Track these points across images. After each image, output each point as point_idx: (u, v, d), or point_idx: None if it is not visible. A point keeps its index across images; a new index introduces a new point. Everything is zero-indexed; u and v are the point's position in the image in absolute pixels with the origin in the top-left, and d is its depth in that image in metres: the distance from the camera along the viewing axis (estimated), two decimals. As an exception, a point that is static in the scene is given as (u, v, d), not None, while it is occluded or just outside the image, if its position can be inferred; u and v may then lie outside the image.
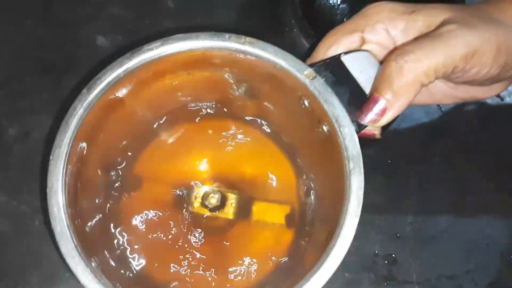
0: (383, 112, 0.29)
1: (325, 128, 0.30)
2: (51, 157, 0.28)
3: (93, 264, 0.28)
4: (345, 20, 0.47)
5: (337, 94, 0.29)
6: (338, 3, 0.47)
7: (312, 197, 0.36)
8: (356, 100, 0.30)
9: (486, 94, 0.36)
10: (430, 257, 0.40)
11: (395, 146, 0.42)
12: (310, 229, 0.35)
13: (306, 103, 0.31)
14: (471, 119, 0.43)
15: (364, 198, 0.30)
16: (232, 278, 0.34)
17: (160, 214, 0.35)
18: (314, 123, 0.31)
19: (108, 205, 0.34)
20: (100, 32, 0.44)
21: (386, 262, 0.39)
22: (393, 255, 0.39)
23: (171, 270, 0.34)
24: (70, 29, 0.44)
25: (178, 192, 0.36)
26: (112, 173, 0.35)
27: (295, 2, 0.43)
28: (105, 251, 0.32)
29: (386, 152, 0.42)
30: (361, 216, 0.32)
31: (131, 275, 0.33)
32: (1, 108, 0.41)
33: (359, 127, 0.30)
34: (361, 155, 0.28)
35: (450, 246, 0.40)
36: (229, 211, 0.35)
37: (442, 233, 0.40)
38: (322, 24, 0.47)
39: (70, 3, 0.45)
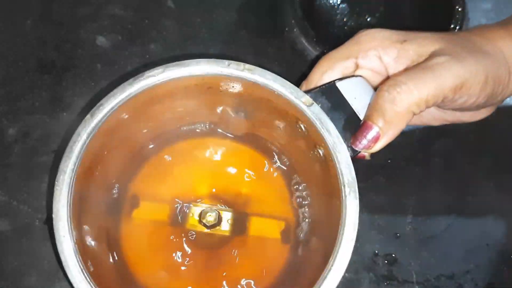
0: (376, 139, 0.31)
1: (321, 151, 0.31)
2: (56, 183, 0.29)
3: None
4: (345, 20, 0.47)
5: (332, 120, 0.31)
6: (338, 3, 0.47)
7: (307, 214, 0.36)
8: (351, 125, 0.31)
9: (473, 118, 0.37)
10: (430, 257, 0.40)
11: (395, 146, 0.42)
12: (306, 246, 0.35)
13: (302, 127, 0.32)
14: (471, 119, 0.43)
15: (364, 198, 0.30)
16: None
17: (158, 231, 0.36)
18: (310, 146, 0.32)
19: (109, 224, 0.35)
20: (100, 32, 0.44)
21: (386, 262, 0.39)
22: (393, 255, 0.39)
23: (166, 285, 0.34)
24: (70, 29, 0.44)
25: (176, 210, 0.36)
26: (112, 194, 0.35)
27: (295, 2, 0.43)
28: (106, 264, 0.33)
29: (386, 152, 0.42)
30: (361, 216, 0.32)
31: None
32: (1, 108, 0.41)
33: (354, 152, 0.31)
34: (356, 180, 0.29)
35: (450, 246, 0.40)
36: (226, 228, 0.35)
37: (442, 233, 0.40)
38: (322, 24, 0.47)
39: (70, 3, 0.45)
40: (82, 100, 0.41)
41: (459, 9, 0.43)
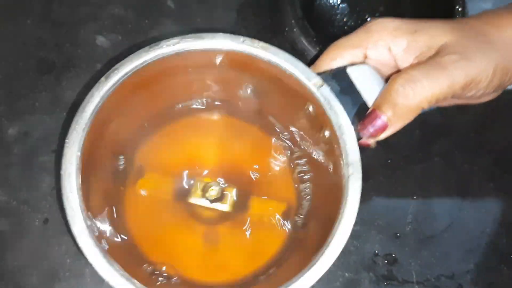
0: (382, 129, 0.31)
1: (326, 133, 0.32)
2: (66, 141, 0.29)
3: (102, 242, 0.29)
4: (345, 20, 0.47)
5: (340, 103, 0.31)
6: (338, 3, 0.47)
7: (309, 196, 0.37)
8: (358, 110, 0.32)
9: (480, 100, 0.37)
10: (430, 256, 0.40)
11: (395, 146, 0.42)
12: (306, 228, 0.36)
13: (310, 108, 0.33)
14: (471, 119, 0.43)
15: (364, 197, 0.30)
16: (223, 270, 0.35)
17: (161, 203, 0.37)
18: (317, 128, 0.33)
19: (113, 192, 0.35)
20: (100, 32, 0.44)
21: (386, 261, 0.39)
22: (393, 255, 0.39)
23: (165, 255, 0.35)
24: (70, 29, 0.44)
25: (179, 183, 0.37)
26: (118, 161, 0.36)
27: (295, 2, 0.43)
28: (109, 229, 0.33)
29: (386, 152, 0.42)
30: (361, 216, 0.32)
31: (126, 253, 0.34)
32: (1, 108, 0.41)
33: (360, 136, 0.32)
34: (360, 162, 0.30)
35: (450, 245, 0.40)
36: (228, 204, 0.36)
37: (442, 233, 0.40)
38: (322, 24, 0.47)
39: (70, 3, 0.45)
40: (82, 100, 0.41)
41: (459, 9, 0.43)
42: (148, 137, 0.37)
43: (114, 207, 0.35)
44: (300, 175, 0.37)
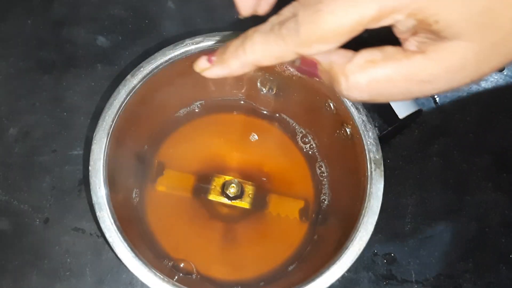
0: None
1: (348, 130, 0.33)
2: (94, 137, 0.30)
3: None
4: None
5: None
6: (338, 3, 0.47)
7: (327, 193, 0.37)
8: (379, 107, 0.33)
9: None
10: (429, 256, 0.40)
11: (395, 146, 0.42)
12: (325, 224, 0.36)
13: (331, 106, 0.33)
14: (471, 119, 0.44)
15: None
16: (241, 268, 0.36)
17: (181, 200, 0.37)
18: (337, 125, 0.34)
19: (135, 188, 0.36)
20: (100, 32, 0.44)
21: (385, 261, 0.39)
22: (392, 254, 0.40)
23: (184, 252, 0.36)
24: (70, 29, 0.44)
25: (199, 180, 0.37)
26: (141, 158, 0.36)
27: (295, 2, 0.43)
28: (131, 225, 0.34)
29: (386, 152, 0.42)
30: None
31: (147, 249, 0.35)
32: (1, 108, 0.41)
33: (380, 132, 0.32)
34: (382, 158, 0.31)
35: (449, 245, 0.40)
36: (247, 201, 0.37)
37: (441, 233, 0.40)
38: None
39: (70, 3, 0.45)
40: (83, 100, 0.41)
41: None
42: (168, 135, 0.38)
43: (137, 204, 0.35)
44: (319, 172, 0.38)
